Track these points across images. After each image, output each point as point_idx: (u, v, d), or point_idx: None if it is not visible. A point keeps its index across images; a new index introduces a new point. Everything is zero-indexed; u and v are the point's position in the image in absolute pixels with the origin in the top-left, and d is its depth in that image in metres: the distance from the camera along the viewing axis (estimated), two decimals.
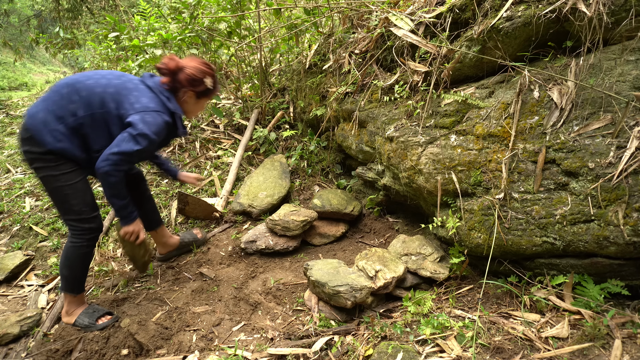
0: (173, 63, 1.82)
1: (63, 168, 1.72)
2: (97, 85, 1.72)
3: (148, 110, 1.71)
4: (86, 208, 1.80)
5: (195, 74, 1.84)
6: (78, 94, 1.70)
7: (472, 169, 1.84)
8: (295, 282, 2.15)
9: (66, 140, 1.69)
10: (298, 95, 3.56)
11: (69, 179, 1.75)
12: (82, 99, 1.70)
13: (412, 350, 1.51)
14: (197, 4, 3.36)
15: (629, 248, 1.44)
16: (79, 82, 1.73)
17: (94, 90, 1.71)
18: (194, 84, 1.85)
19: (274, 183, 3.02)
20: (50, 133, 1.67)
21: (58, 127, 1.68)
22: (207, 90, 1.90)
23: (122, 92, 1.73)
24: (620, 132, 1.47)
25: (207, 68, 1.88)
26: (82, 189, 1.79)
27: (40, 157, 1.69)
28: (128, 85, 1.76)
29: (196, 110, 1.99)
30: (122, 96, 1.72)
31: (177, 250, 2.54)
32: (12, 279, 2.50)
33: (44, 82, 10.75)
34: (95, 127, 1.73)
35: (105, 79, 1.76)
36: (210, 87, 1.89)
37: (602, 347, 1.39)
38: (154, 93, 1.79)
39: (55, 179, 1.72)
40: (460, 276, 1.97)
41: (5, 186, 3.57)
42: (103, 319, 1.89)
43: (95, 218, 1.86)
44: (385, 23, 2.41)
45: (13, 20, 12.36)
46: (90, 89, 1.71)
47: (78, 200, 1.77)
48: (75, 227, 1.82)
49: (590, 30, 1.58)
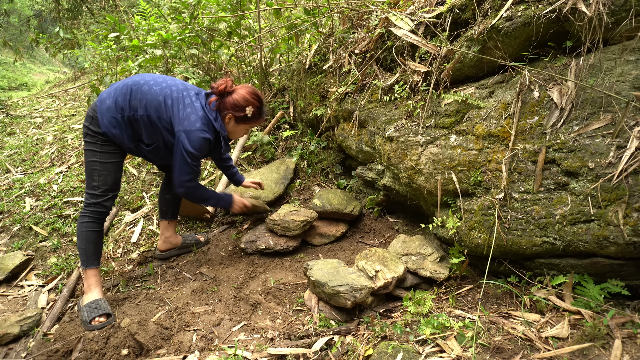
0: (223, 86, 1.99)
1: (106, 148, 1.97)
2: (161, 93, 1.94)
3: (193, 129, 1.91)
4: (103, 186, 2.00)
5: (238, 101, 1.99)
6: (142, 94, 1.93)
7: (472, 169, 1.84)
8: (295, 282, 2.15)
9: (119, 128, 1.94)
10: (298, 95, 3.56)
11: (105, 158, 1.98)
12: (144, 100, 1.93)
13: (412, 350, 1.51)
14: (197, 4, 3.36)
15: (629, 248, 1.44)
16: (147, 84, 1.96)
17: (156, 98, 1.93)
18: (235, 109, 2.00)
19: (266, 186, 3.00)
20: (109, 119, 1.92)
21: (117, 115, 1.93)
22: (245, 117, 2.02)
23: (178, 106, 1.94)
24: (620, 132, 1.47)
25: (253, 98, 2.01)
26: (110, 170, 2.01)
27: (93, 134, 1.96)
28: (185, 101, 1.96)
29: (237, 132, 2.12)
30: (177, 110, 1.94)
31: (177, 249, 2.55)
32: (12, 279, 2.50)
33: (44, 82, 10.74)
34: (148, 127, 1.97)
35: (169, 89, 1.97)
36: (249, 115, 2.01)
37: (602, 347, 1.39)
38: (204, 112, 1.97)
39: (94, 154, 1.97)
40: (460, 276, 1.97)
41: (5, 186, 3.57)
42: (98, 320, 1.89)
43: (104, 197, 2.01)
44: (385, 23, 2.41)
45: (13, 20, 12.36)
46: (153, 94, 1.94)
47: (101, 177, 1.99)
48: (86, 199, 2.02)
49: (590, 30, 1.58)
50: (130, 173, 3.56)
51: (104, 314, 1.92)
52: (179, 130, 1.92)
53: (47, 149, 4.38)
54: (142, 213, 3.04)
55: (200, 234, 2.74)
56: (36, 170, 3.89)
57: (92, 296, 1.99)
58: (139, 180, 3.43)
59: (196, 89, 2.05)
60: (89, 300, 1.96)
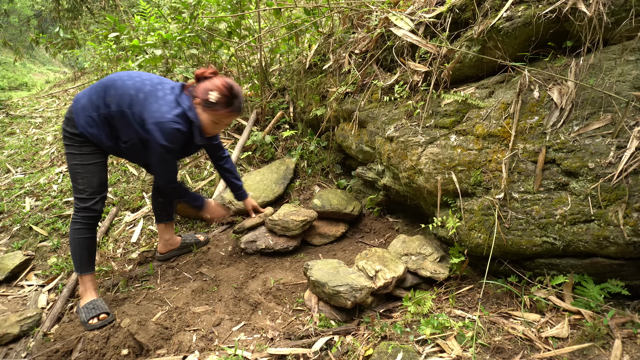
0: (202, 71, 1.92)
1: (85, 150, 1.93)
2: (133, 87, 1.87)
3: (164, 120, 1.82)
4: (89, 189, 1.96)
5: (208, 86, 1.88)
6: (115, 89, 1.87)
7: (472, 169, 1.84)
8: (295, 282, 2.15)
9: (96, 127, 1.89)
10: (298, 95, 3.56)
11: (85, 159, 1.93)
12: (117, 96, 1.86)
13: (412, 350, 1.51)
14: (197, 4, 3.36)
15: (629, 248, 1.44)
16: (120, 80, 1.89)
17: (128, 92, 1.86)
18: (203, 94, 1.89)
19: (265, 186, 3.01)
20: (85, 118, 1.88)
21: (92, 114, 1.88)
22: (209, 103, 1.87)
23: (150, 99, 1.86)
24: (620, 132, 1.47)
25: (224, 86, 1.87)
26: (94, 172, 1.96)
27: (71, 137, 1.91)
28: (158, 94, 1.87)
29: (209, 125, 1.95)
30: (148, 103, 1.85)
31: (177, 250, 2.55)
32: (12, 279, 2.50)
33: (44, 82, 10.75)
34: (123, 122, 1.90)
35: (142, 83, 1.89)
36: (212, 100, 1.86)
37: (602, 347, 1.39)
38: (177, 102, 1.89)
39: (74, 157, 1.92)
40: (460, 276, 1.97)
41: (5, 186, 3.58)
42: (95, 320, 1.90)
43: (92, 200, 1.98)
44: (385, 23, 2.41)
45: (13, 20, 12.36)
46: (125, 89, 1.87)
47: (85, 180, 1.94)
48: (75, 204, 1.99)
49: (590, 30, 1.58)
50: (130, 173, 3.56)
51: (102, 312, 1.92)
52: (150, 124, 1.82)
53: (47, 149, 4.38)
54: (142, 213, 3.04)
55: (200, 233, 2.74)
56: (36, 170, 3.89)
57: (88, 298, 2.00)
58: (139, 180, 3.43)
59: (173, 83, 1.97)
60: (86, 302, 1.98)
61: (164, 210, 2.45)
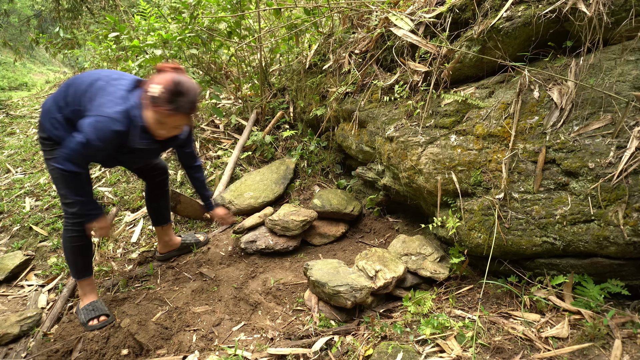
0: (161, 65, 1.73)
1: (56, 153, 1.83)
2: (88, 82, 1.79)
3: (102, 115, 1.64)
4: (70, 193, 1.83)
5: (155, 80, 1.68)
6: (74, 87, 1.81)
7: (472, 169, 1.84)
8: (295, 282, 2.15)
9: (62, 129, 1.82)
10: (298, 95, 3.56)
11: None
12: (74, 94, 1.80)
13: (412, 350, 1.51)
14: (197, 4, 3.36)
15: (629, 248, 1.44)
16: (79, 79, 1.83)
17: (83, 88, 1.78)
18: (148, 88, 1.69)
19: (265, 186, 3.01)
20: (49, 121, 1.82)
21: (56, 115, 1.82)
22: (151, 98, 1.66)
23: (99, 93, 1.72)
24: (620, 132, 1.47)
25: (173, 82, 1.65)
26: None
27: (42, 142, 1.88)
28: (108, 89, 1.73)
29: (153, 124, 1.73)
30: (96, 98, 1.72)
31: (177, 250, 2.55)
32: (12, 279, 2.50)
33: (44, 82, 10.75)
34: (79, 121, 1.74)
35: (99, 77, 1.79)
36: (155, 94, 1.64)
37: (602, 347, 1.39)
38: (125, 98, 1.70)
39: (49, 162, 1.86)
40: (460, 276, 1.97)
41: (5, 186, 3.57)
42: (94, 321, 1.90)
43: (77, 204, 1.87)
44: (385, 23, 2.41)
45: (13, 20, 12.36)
46: (81, 85, 1.79)
47: (64, 184, 1.82)
48: (63, 210, 1.95)
49: (590, 30, 1.58)
50: (130, 173, 3.56)
51: (102, 314, 1.92)
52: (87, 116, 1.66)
53: None
54: (142, 213, 3.03)
55: (200, 233, 2.74)
56: (36, 170, 3.89)
57: (88, 299, 2.00)
58: (139, 180, 3.43)
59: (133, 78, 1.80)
60: (85, 303, 1.97)
61: (160, 213, 2.41)
